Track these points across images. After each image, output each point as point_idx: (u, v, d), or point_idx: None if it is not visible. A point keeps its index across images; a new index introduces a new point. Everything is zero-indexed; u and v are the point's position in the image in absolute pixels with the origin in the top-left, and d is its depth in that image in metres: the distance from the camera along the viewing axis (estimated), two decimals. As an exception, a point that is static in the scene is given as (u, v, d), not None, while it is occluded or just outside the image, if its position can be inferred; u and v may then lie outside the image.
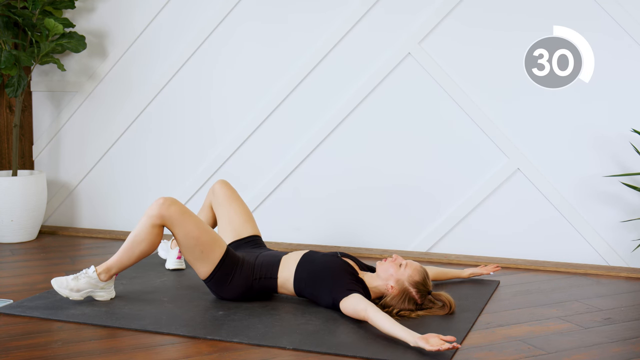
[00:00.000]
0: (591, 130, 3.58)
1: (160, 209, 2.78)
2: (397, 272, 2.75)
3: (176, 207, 2.79)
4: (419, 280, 2.74)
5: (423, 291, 2.75)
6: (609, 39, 3.51)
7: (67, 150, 4.47)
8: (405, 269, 2.75)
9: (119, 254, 2.85)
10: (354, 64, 3.89)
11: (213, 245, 2.82)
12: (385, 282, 2.76)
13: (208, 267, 2.83)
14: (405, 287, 2.74)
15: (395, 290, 2.74)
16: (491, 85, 3.71)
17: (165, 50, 4.21)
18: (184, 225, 2.78)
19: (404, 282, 2.74)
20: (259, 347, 2.43)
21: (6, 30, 4.06)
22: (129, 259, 2.84)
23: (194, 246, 2.79)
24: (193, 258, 2.82)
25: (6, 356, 2.33)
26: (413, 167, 3.85)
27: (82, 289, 2.85)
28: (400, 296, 2.73)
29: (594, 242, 3.61)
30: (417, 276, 2.75)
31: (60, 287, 2.84)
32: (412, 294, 2.73)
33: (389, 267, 2.78)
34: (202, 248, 2.79)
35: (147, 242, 2.81)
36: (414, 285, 2.73)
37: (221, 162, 4.14)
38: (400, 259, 2.79)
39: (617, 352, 2.43)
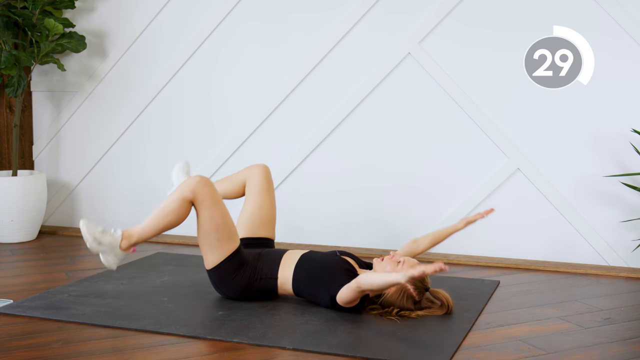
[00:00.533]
0: (591, 130, 3.58)
1: (196, 185, 2.77)
2: (394, 270, 2.75)
3: (210, 188, 2.79)
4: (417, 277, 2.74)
5: (421, 288, 2.75)
6: (609, 39, 3.51)
7: (67, 150, 4.47)
8: (402, 267, 2.75)
9: (145, 223, 2.85)
10: (354, 64, 3.89)
11: (229, 238, 2.82)
12: None
13: (216, 258, 2.82)
14: (403, 284, 2.73)
15: (394, 287, 2.73)
16: (491, 85, 3.71)
17: (165, 50, 4.21)
18: (211, 209, 2.77)
19: None
20: (259, 347, 2.43)
21: (6, 30, 4.06)
22: (154, 228, 2.83)
23: (213, 232, 2.79)
24: (207, 243, 2.81)
25: (6, 356, 2.33)
26: (413, 167, 3.85)
27: (103, 244, 2.84)
28: (399, 294, 2.73)
29: (594, 242, 3.61)
30: None
31: (88, 232, 2.83)
32: (410, 291, 2.72)
33: (386, 264, 2.78)
34: (219, 236, 2.79)
35: (175, 214, 2.80)
36: (412, 283, 2.73)
37: (221, 162, 4.14)
38: (397, 257, 2.79)
39: (617, 352, 2.43)
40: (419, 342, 2.48)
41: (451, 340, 2.49)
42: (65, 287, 3.10)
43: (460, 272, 3.49)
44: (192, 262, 3.58)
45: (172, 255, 3.74)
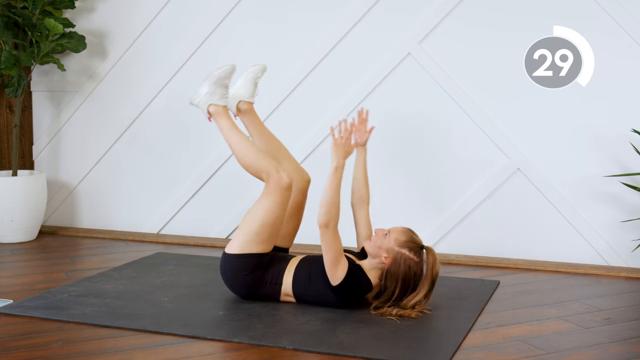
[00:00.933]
0: (591, 130, 3.58)
1: (279, 181, 2.81)
2: (383, 243, 2.76)
3: (287, 193, 2.80)
4: (407, 239, 2.74)
5: (415, 247, 2.74)
6: (609, 38, 3.51)
7: (67, 150, 4.47)
8: (390, 236, 2.76)
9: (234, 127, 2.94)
10: (354, 64, 3.89)
11: (266, 240, 2.82)
12: (379, 257, 2.76)
13: (244, 247, 2.81)
14: (397, 251, 2.73)
15: (389, 259, 2.73)
16: (491, 85, 3.71)
17: (165, 50, 4.21)
18: (273, 204, 2.79)
19: (393, 247, 2.73)
20: (259, 347, 2.43)
21: (6, 30, 4.06)
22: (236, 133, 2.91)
23: (258, 223, 2.79)
24: (246, 228, 2.81)
25: (6, 356, 2.33)
26: (413, 167, 3.85)
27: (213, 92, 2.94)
28: (397, 262, 2.72)
29: (594, 242, 3.61)
30: (403, 236, 2.75)
31: None
32: (406, 254, 2.72)
33: (375, 242, 2.79)
34: (259, 230, 2.79)
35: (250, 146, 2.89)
36: (404, 245, 2.73)
37: (221, 162, 4.14)
38: (382, 230, 2.81)
39: (617, 352, 2.43)
40: (419, 342, 2.48)
41: (451, 340, 2.49)
42: (65, 287, 3.10)
43: (460, 272, 3.49)
44: (192, 262, 3.58)
45: (172, 255, 3.74)
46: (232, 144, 2.92)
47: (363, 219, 3.08)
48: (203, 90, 2.96)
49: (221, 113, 2.95)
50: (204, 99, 2.95)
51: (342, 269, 2.71)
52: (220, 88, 2.94)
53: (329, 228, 2.67)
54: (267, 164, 2.84)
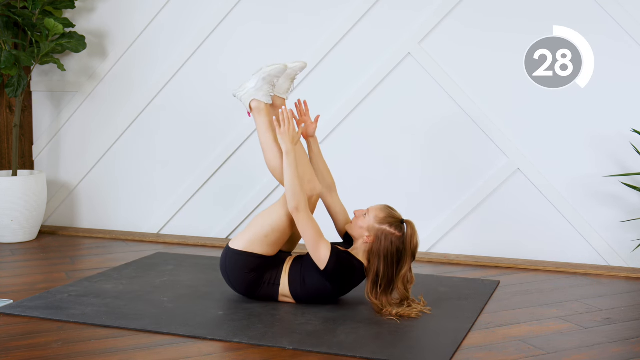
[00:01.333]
0: (591, 130, 3.58)
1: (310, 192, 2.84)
2: (364, 222, 2.78)
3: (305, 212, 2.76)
4: (386, 215, 2.76)
5: (395, 223, 2.76)
6: (609, 39, 3.51)
7: (67, 150, 4.47)
8: (369, 215, 2.78)
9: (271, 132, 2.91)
10: (354, 64, 3.89)
11: (273, 243, 2.82)
12: (362, 238, 2.78)
13: (249, 246, 2.81)
14: (377, 228, 2.74)
15: (371, 237, 2.75)
16: (491, 85, 3.71)
17: (165, 50, 4.21)
18: (283, 213, 2.79)
19: (374, 225, 2.75)
20: (259, 347, 2.43)
21: (6, 30, 4.06)
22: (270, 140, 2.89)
23: (270, 225, 2.80)
24: (255, 227, 2.82)
25: (6, 356, 2.33)
26: (413, 167, 3.85)
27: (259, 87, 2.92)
28: (379, 239, 2.74)
29: (594, 242, 3.61)
30: (382, 213, 2.77)
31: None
32: (387, 230, 2.73)
33: (356, 223, 2.81)
34: (268, 233, 2.80)
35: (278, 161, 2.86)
36: (384, 221, 2.74)
37: (221, 163, 4.14)
38: (361, 211, 2.83)
39: (617, 352, 2.43)
40: (419, 342, 2.48)
41: (451, 340, 2.49)
42: (65, 287, 3.10)
43: (460, 272, 3.49)
44: (192, 262, 3.58)
45: (172, 255, 3.74)
46: (265, 144, 2.91)
47: (335, 204, 3.06)
48: (250, 84, 2.95)
49: (262, 110, 2.93)
50: (249, 93, 2.94)
51: (325, 249, 2.73)
52: (267, 85, 2.94)
53: (299, 211, 2.72)
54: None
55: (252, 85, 2.94)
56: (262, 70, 2.93)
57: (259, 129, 2.93)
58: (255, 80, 2.94)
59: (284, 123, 2.80)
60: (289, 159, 2.76)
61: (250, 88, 2.94)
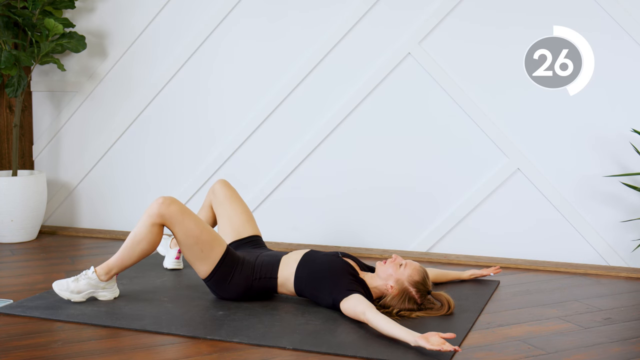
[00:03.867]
0: (591, 130, 3.58)
1: (159, 208, 2.77)
2: (396, 272, 2.76)
3: (176, 206, 2.78)
4: (419, 280, 2.74)
5: (423, 291, 2.75)
6: (609, 38, 3.51)
7: (67, 150, 4.47)
8: (404, 269, 2.76)
9: (119, 254, 2.84)
10: (354, 64, 3.89)
11: (213, 245, 2.81)
12: (385, 282, 2.76)
13: (208, 267, 2.82)
14: (405, 287, 2.74)
15: (395, 290, 2.74)
16: (491, 85, 3.71)
17: (165, 50, 4.21)
18: (183, 224, 2.77)
19: (403, 282, 2.74)
20: (259, 347, 2.43)
21: (6, 30, 4.06)
22: (130, 258, 2.83)
23: (194, 245, 2.78)
24: (193, 257, 2.81)
25: (6, 356, 2.33)
26: (413, 167, 3.85)
27: (83, 290, 2.85)
28: (400, 296, 2.73)
29: (594, 242, 3.61)
30: (417, 276, 2.74)
31: (61, 290, 2.85)
32: (412, 293, 2.74)
33: (388, 267, 2.78)
34: (202, 247, 2.79)
35: (146, 241, 2.80)
36: (414, 285, 2.73)
37: (221, 163, 4.14)
38: (399, 259, 2.79)
39: (617, 352, 2.43)
40: (419, 342, 2.48)
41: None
42: (65, 287, 3.10)
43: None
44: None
45: (172, 255, 3.74)
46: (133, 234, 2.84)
47: None
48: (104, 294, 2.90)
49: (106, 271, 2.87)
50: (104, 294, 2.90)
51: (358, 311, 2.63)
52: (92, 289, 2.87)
53: (364, 320, 2.57)
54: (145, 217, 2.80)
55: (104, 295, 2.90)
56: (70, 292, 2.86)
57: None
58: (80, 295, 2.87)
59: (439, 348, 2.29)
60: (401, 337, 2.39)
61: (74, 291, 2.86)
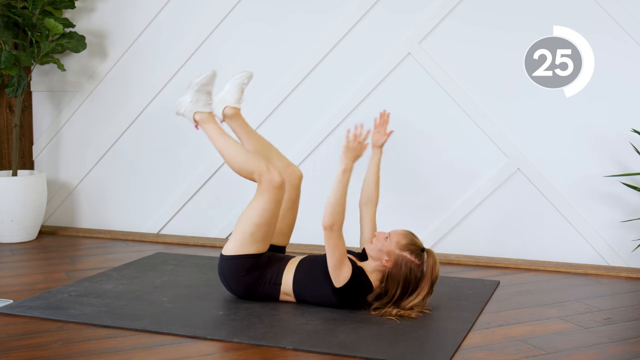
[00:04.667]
0: (591, 130, 3.58)
1: (271, 180, 2.79)
2: (384, 246, 2.76)
3: (280, 192, 2.80)
4: (408, 242, 2.74)
5: (416, 250, 2.74)
6: (609, 38, 3.51)
7: (67, 150, 4.47)
8: (390, 240, 2.76)
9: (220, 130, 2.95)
10: (354, 65, 3.89)
11: (261, 240, 2.82)
12: (380, 260, 2.76)
13: (240, 248, 2.81)
14: (398, 254, 2.73)
15: (390, 262, 2.74)
16: (491, 85, 3.71)
17: (165, 50, 4.21)
18: (266, 204, 2.79)
19: (394, 250, 2.73)
20: (259, 347, 2.43)
21: (6, 30, 4.06)
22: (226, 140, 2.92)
23: (253, 224, 2.79)
24: (241, 230, 2.81)
25: (6, 356, 2.33)
26: (413, 167, 3.85)
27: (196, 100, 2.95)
28: (398, 265, 2.72)
29: (594, 242, 3.61)
30: (404, 239, 2.75)
31: None
32: (407, 257, 2.72)
33: (376, 245, 2.79)
34: (254, 231, 2.79)
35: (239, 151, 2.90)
36: (405, 249, 2.73)
37: (221, 162, 4.14)
38: (383, 233, 2.80)
39: (617, 352, 2.43)
40: (419, 342, 2.48)
41: (451, 340, 2.49)
42: (65, 287, 3.10)
43: (460, 272, 3.49)
44: (192, 262, 3.58)
45: (172, 255, 3.74)
46: (221, 149, 2.92)
47: (369, 219, 3.08)
48: (186, 99, 2.97)
49: (207, 120, 2.96)
50: (189, 108, 2.96)
51: (347, 271, 2.71)
52: (203, 95, 2.95)
53: (333, 230, 2.67)
54: (258, 165, 2.84)
55: (188, 100, 2.96)
56: (192, 82, 2.95)
57: (211, 137, 2.95)
58: (189, 94, 2.96)
59: (354, 139, 2.74)
60: (344, 177, 2.71)
61: (188, 102, 2.96)
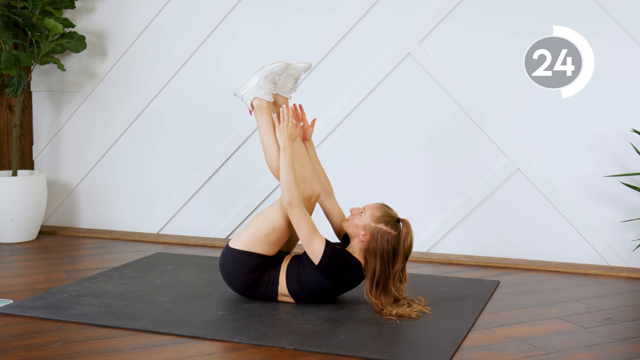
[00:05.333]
0: (591, 130, 3.58)
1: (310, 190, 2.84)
2: (360, 220, 2.78)
3: (308, 198, 2.83)
4: (382, 214, 2.75)
5: (391, 221, 2.75)
6: (609, 39, 3.51)
7: (67, 150, 4.47)
8: (364, 214, 2.78)
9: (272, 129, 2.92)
10: (354, 64, 3.89)
11: (273, 243, 2.82)
12: (358, 236, 2.78)
13: (249, 246, 2.81)
14: (373, 227, 2.74)
15: (367, 235, 2.75)
16: (491, 85, 3.71)
17: (165, 50, 4.21)
18: (284, 212, 2.78)
19: (370, 223, 2.74)
20: (259, 347, 2.43)
21: (6, 30, 4.06)
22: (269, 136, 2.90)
23: (271, 224, 2.80)
24: (255, 228, 2.82)
25: (6, 356, 2.33)
26: (413, 167, 3.85)
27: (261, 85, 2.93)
28: (375, 238, 2.73)
29: (594, 242, 3.61)
30: (378, 211, 2.76)
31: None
32: (384, 229, 2.73)
33: (352, 221, 2.81)
34: (269, 232, 2.80)
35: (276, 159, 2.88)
36: (380, 220, 2.74)
37: (221, 162, 4.14)
38: (357, 209, 2.82)
39: (617, 352, 2.43)
40: (419, 342, 2.48)
41: (451, 340, 2.49)
42: (65, 287, 3.10)
43: (460, 272, 3.49)
44: (192, 262, 3.58)
45: (172, 255, 3.74)
46: (266, 143, 2.91)
47: (333, 207, 3.05)
48: (252, 83, 2.94)
49: (264, 109, 2.93)
50: (251, 92, 2.94)
51: (319, 243, 2.72)
52: (269, 83, 2.93)
53: (293, 206, 2.71)
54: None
55: (254, 84, 2.94)
56: (264, 68, 2.92)
57: (260, 127, 2.93)
58: (257, 78, 2.93)
59: (283, 120, 2.81)
60: (285, 155, 2.77)
61: (252, 86, 2.94)
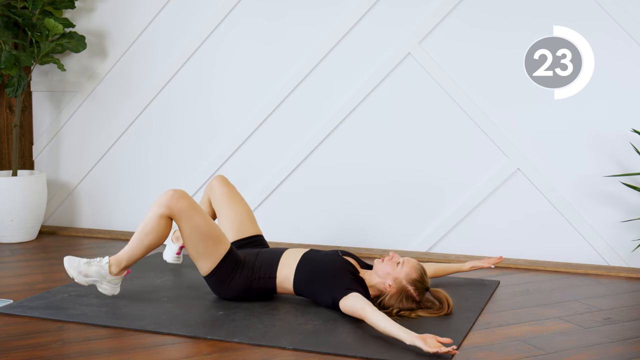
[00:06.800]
0: (591, 130, 3.58)
1: (169, 200, 2.75)
2: (394, 271, 2.75)
3: (186, 200, 2.76)
4: (417, 278, 2.74)
5: (421, 289, 2.75)
6: (609, 39, 3.51)
7: (67, 150, 4.47)
8: (402, 267, 2.75)
9: (128, 246, 2.83)
10: (354, 64, 3.89)
11: (217, 242, 2.81)
12: (383, 281, 2.76)
13: (210, 264, 2.82)
14: (403, 285, 2.73)
15: (393, 289, 2.74)
16: (491, 85, 3.71)
17: (165, 50, 4.21)
18: (191, 219, 2.75)
19: (401, 280, 2.74)
20: (259, 347, 2.43)
21: (6, 30, 4.06)
22: (139, 250, 2.81)
23: (199, 241, 2.77)
24: (196, 253, 2.80)
25: (6, 356, 2.33)
26: (413, 167, 3.85)
27: (90, 276, 2.83)
28: (399, 295, 2.73)
29: (594, 242, 3.61)
30: (415, 274, 2.74)
31: (71, 267, 2.83)
32: (410, 292, 2.73)
33: (386, 265, 2.78)
34: (206, 243, 2.78)
35: (155, 233, 2.78)
36: (412, 283, 2.73)
37: (221, 162, 4.14)
38: (397, 257, 2.79)
39: (617, 352, 2.43)
40: (419, 342, 2.48)
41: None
42: (65, 287, 3.10)
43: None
44: (192, 262, 3.58)
45: (172, 255, 3.74)
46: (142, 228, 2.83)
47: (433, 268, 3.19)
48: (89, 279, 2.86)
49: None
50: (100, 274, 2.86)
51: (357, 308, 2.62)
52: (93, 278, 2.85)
53: (364, 317, 2.56)
54: (154, 209, 2.78)
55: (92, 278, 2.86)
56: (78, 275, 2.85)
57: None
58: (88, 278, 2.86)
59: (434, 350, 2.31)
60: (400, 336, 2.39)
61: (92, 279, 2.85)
